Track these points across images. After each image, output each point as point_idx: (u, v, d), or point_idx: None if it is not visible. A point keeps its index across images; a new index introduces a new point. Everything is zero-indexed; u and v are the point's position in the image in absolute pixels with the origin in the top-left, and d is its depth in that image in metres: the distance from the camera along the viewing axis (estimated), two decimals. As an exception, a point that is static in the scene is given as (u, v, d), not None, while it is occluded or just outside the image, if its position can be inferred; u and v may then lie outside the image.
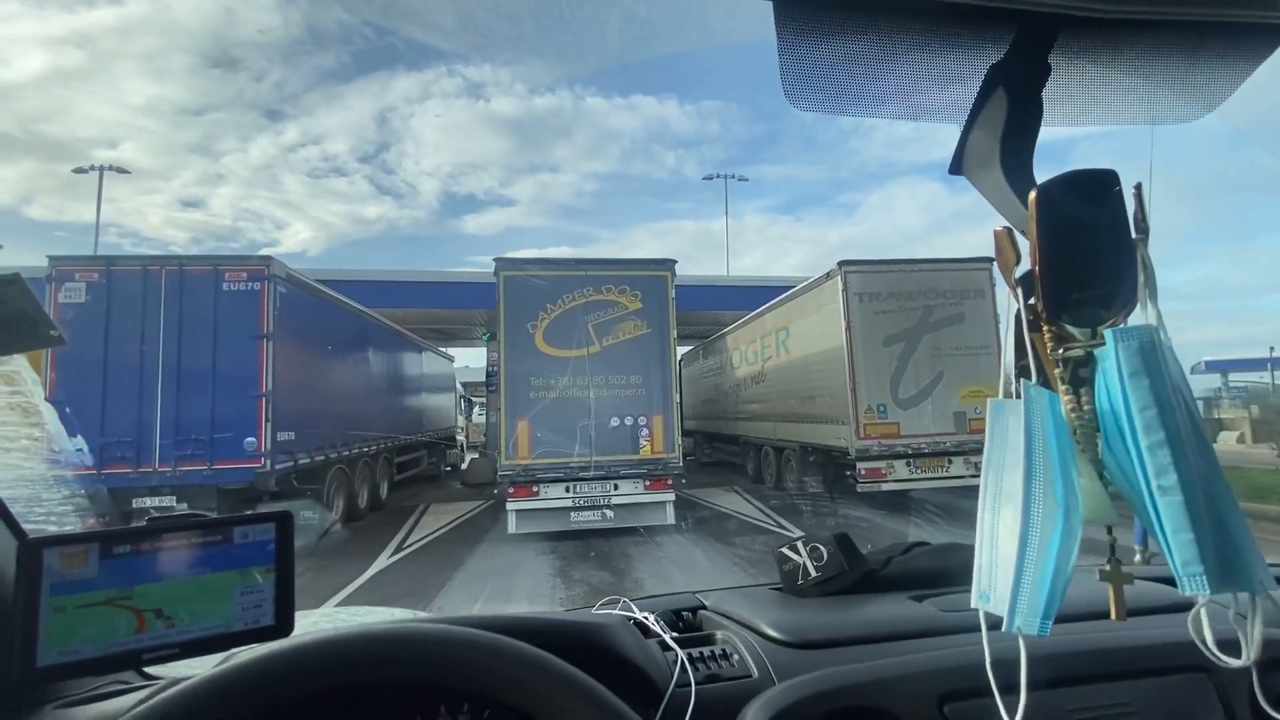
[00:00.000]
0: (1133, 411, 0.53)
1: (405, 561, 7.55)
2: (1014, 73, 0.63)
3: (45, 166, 61.11)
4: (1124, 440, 0.54)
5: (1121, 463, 0.56)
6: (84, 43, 50.43)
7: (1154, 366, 0.54)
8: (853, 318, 9.07)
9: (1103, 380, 0.56)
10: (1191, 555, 0.51)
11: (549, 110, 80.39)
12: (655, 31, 0.81)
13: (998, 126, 0.63)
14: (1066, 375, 0.59)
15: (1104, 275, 0.58)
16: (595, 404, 8.14)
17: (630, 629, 0.89)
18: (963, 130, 0.67)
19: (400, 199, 71.67)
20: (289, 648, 0.60)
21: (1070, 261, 0.58)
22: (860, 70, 0.63)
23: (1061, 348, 0.59)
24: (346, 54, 39.73)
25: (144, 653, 0.69)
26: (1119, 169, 0.58)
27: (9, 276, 0.70)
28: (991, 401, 0.62)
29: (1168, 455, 0.52)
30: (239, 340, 7.34)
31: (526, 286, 8.26)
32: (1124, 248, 0.59)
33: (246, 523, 0.75)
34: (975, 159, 0.66)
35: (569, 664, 0.63)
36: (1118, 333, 0.55)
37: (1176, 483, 0.52)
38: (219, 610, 0.72)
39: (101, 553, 0.68)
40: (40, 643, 0.64)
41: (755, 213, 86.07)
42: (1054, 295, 0.58)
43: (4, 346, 0.76)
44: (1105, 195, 0.58)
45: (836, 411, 9.45)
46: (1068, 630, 0.85)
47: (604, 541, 8.12)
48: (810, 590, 1.11)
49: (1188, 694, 0.84)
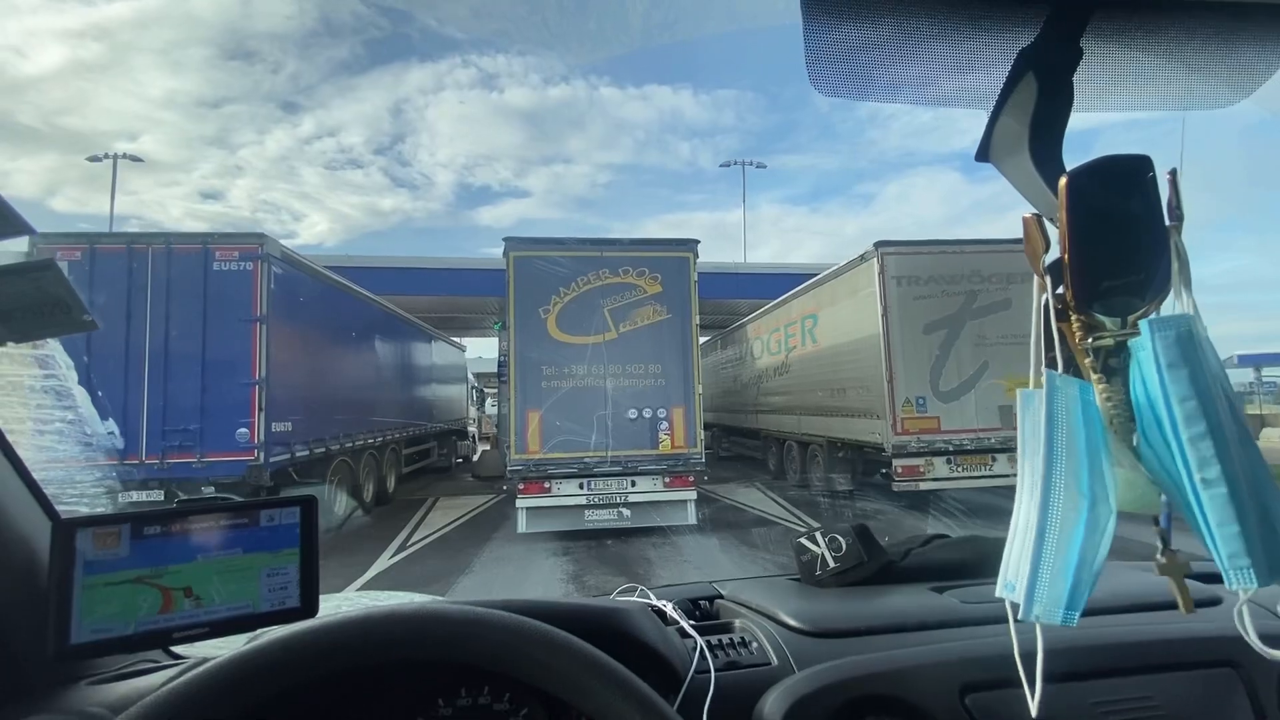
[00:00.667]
0: (1172, 403, 0.52)
1: (407, 563, 7.04)
2: (1045, 56, 0.62)
3: (67, 159, 61.74)
4: (1162, 432, 0.54)
5: (1160, 455, 0.55)
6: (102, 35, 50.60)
7: (1192, 357, 0.53)
8: (890, 303, 8.37)
9: (1138, 371, 0.55)
10: (1238, 548, 0.50)
11: (563, 101, 79.76)
12: (681, 15, 0.80)
13: (1027, 112, 0.63)
14: (1098, 365, 0.59)
15: (1136, 263, 0.58)
16: (611, 395, 7.55)
17: (650, 616, 0.88)
18: (990, 116, 0.66)
19: (415, 190, 71.65)
20: (321, 625, 0.61)
21: (1101, 249, 0.58)
22: (888, 55, 0.63)
23: (1091, 337, 0.59)
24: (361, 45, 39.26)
25: (174, 631, 0.70)
26: None
27: (44, 262, 0.71)
28: (1021, 392, 0.61)
29: (1210, 447, 0.51)
30: (230, 323, 6.83)
31: (538, 268, 7.67)
32: (1157, 235, 0.58)
33: (272, 506, 0.76)
34: (1003, 145, 0.66)
35: (593, 647, 0.63)
36: (1154, 323, 0.54)
37: (1220, 475, 0.51)
38: (246, 591, 0.73)
39: (133, 533, 0.69)
40: (74, 621, 0.66)
41: (770, 204, 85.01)
42: (1084, 284, 0.58)
43: (39, 331, 0.75)
44: (1138, 182, 0.57)
45: (871, 405, 8.78)
46: (1092, 623, 0.85)
47: (621, 543, 7.56)
48: (828, 581, 1.10)
49: (1215, 689, 0.82)
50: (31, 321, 0.73)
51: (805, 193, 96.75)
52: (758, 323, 14.18)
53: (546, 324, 7.60)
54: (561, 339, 7.61)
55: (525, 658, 0.60)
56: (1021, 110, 0.62)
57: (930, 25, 0.61)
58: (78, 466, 5.41)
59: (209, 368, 6.77)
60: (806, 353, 11.20)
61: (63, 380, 4.20)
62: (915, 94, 0.69)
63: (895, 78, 0.66)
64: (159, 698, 0.54)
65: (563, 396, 7.48)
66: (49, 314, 0.73)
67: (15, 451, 0.82)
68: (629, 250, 7.88)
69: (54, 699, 0.75)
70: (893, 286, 8.41)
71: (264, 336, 6.89)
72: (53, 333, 0.77)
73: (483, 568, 6.74)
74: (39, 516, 0.81)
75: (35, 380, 3.38)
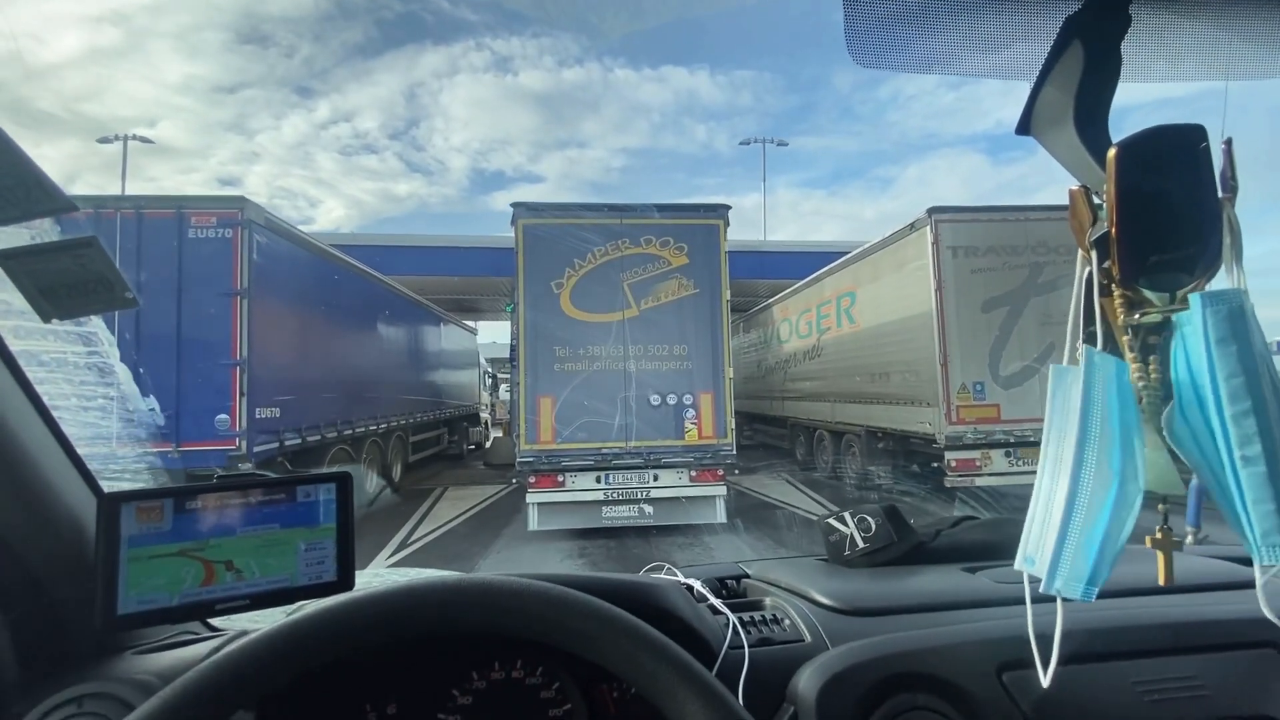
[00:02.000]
0: (1219, 379, 0.52)
1: (407, 563, 6.34)
2: (1092, 25, 0.61)
3: (87, 145, 61.94)
4: (1203, 409, 0.54)
5: (1197, 432, 0.55)
6: (119, 20, 50.33)
7: (1242, 333, 0.52)
8: (945, 277, 7.45)
9: (1182, 347, 0.55)
10: (1272, 525, 0.50)
11: (577, 83, 78.60)
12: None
13: (1073, 82, 0.61)
14: (1136, 343, 0.58)
15: (1187, 237, 0.56)
16: (632, 378, 6.76)
17: (682, 591, 0.89)
18: (1033, 88, 0.64)
19: (430, 176, 71.14)
20: (370, 595, 0.61)
21: (1150, 222, 0.56)
22: (927, 25, 0.63)
23: (1137, 313, 0.58)
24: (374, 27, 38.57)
25: (216, 603, 0.72)
26: None
27: (86, 239, 0.72)
28: (1054, 367, 0.61)
29: (1253, 424, 0.51)
30: (208, 297, 6.12)
31: (550, 238, 6.85)
32: (1208, 208, 0.56)
33: (309, 482, 0.77)
34: (1047, 117, 0.64)
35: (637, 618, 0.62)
36: (1206, 297, 0.53)
37: (1260, 452, 0.51)
38: (284, 564, 0.75)
39: (175, 508, 0.71)
40: (120, 592, 0.68)
41: (788, 187, 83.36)
42: (1132, 258, 0.57)
43: (82, 308, 0.75)
44: (1190, 153, 0.55)
45: (920, 391, 7.89)
46: (1129, 603, 0.88)
47: (643, 542, 6.80)
48: (858, 561, 1.10)
49: (1258, 670, 0.82)
50: (75, 298, 0.74)
51: (824, 175, 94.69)
52: (784, 304, 13.27)
53: (560, 300, 6.81)
54: (576, 316, 6.82)
55: (570, 628, 0.61)
56: (1067, 81, 0.62)
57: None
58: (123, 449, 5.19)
59: (184, 347, 6.07)
60: (843, 334, 10.30)
61: (106, 357, 4.30)
62: (953, 65, 0.68)
63: (933, 49, 0.65)
64: (215, 663, 0.55)
65: (578, 380, 6.71)
66: (92, 291, 0.74)
67: (61, 428, 0.82)
68: (652, 217, 7.02)
69: (103, 668, 0.77)
70: (948, 258, 7.48)
71: (245, 312, 6.17)
72: (95, 310, 0.77)
73: (491, 570, 6.02)
74: (84, 492, 0.83)
75: (79, 357, 3.41)
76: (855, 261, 9.73)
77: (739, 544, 6.80)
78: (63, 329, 2.81)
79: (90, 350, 3.94)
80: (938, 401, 7.44)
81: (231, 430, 6.08)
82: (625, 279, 6.91)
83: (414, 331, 12.23)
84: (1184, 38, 0.66)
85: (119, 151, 23.34)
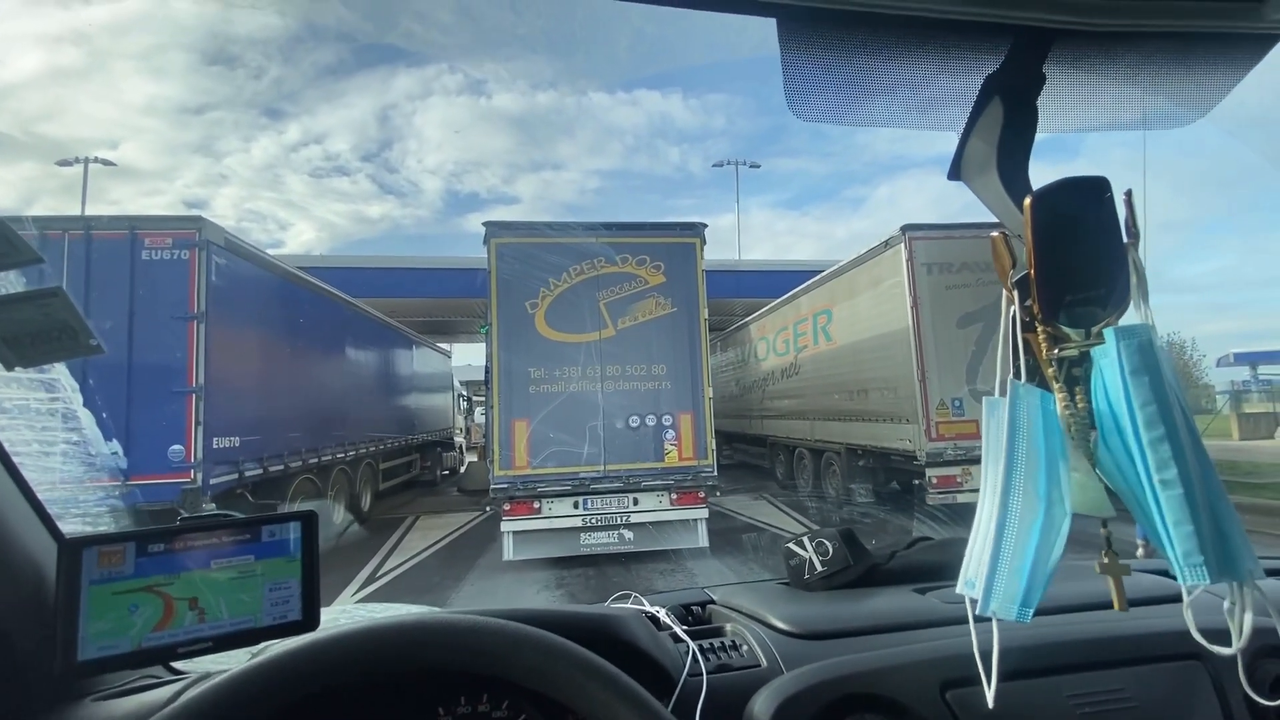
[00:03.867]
0: (1134, 408, 0.55)
1: (375, 598, 6.02)
2: (1009, 83, 0.66)
3: (46, 168, 60.18)
4: (1122, 437, 0.57)
5: (1118, 459, 0.58)
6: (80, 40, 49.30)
7: (1153, 364, 0.56)
8: (920, 293, 7.48)
9: (1100, 378, 0.58)
10: (1192, 546, 0.53)
11: (551, 107, 79.29)
12: (664, 46, 0.83)
13: (994, 134, 0.66)
14: (1061, 375, 0.62)
15: (1098, 278, 0.60)
16: (609, 400, 6.59)
17: (643, 621, 0.90)
18: (960, 138, 0.70)
19: (403, 197, 70.61)
20: (329, 637, 0.62)
21: (1065, 264, 0.60)
22: (862, 83, 0.67)
23: (1058, 348, 0.61)
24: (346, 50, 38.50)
25: (178, 646, 0.71)
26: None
27: (52, 289, 0.73)
28: (986, 400, 0.65)
29: (1168, 450, 0.54)
30: (162, 322, 5.80)
31: (524, 257, 6.70)
32: (1116, 252, 0.61)
33: (273, 521, 0.77)
34: (973, 166, 0.69)
35: (589, 651, 0.64)
36: (1118, 331, 0.57)
37: (1177, 476, 0.53)
38: (249, 605, 0.74)
39: (137, 551, 0.70)
40: (80, 638, 0.67)
41: (761, 208, 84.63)
42: (1050, 297, 0.60)
43: (46, 356, 0.77)
44: (1097, 201, 0.60)
45: (899, 408, 7.87)
46: (1067, 620, 0.93)
47: (623, 570, 6.58)
48: (816, 584, 1.13)
49: (1183, 681, 0.86)
50: (39, 347, 0.75)
51: (796, 196, 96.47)
52: (761, 322, 13.27)
53: (534, 320, 6.65)
54: (551, 337, 6.65)
55: (523, 663, 0.62)
56: (989, 132, 0.67)
57: (902, 56, 0.64)
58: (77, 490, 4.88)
59: (136, 375, 5.73)
60: (820, 352, 10.29)
61: (68, 403, 4.33)
62: (887, 117, 0.72)
63: (869, 104, 0.69)
64: (175, 711, 0.56)
65: (553, 403, 6.51)
66: (56, 339, 0.75)
67: (21, 473, 0.83)
68: (628, 235, 6.93)
69: (62, 715, 0.77)
70: (923, 274, 7.52)
71: (202, 337, 5.86)
72: (60, 358, 0.78)
73: (464, 605, 5.74)
74: (44, 537, 0.82)
75: (41, 403, 3.42)
76: (831, 279, 9.76)
77: (720, 568, 6.62)
78: (25, 376, 2.86)
79: (53, 397, 3.92)
80: (917, 418, 7.42)
81: (186, 462, 5.73)
82: (601, 298, 6.78)
83: (384, 355, 11.90)
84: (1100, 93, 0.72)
85: (79, 174, 22.65)
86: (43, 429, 3.55)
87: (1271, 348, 27.53)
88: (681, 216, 60.75)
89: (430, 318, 18.31)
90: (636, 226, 7.06)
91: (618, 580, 6.29)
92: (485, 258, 6.72)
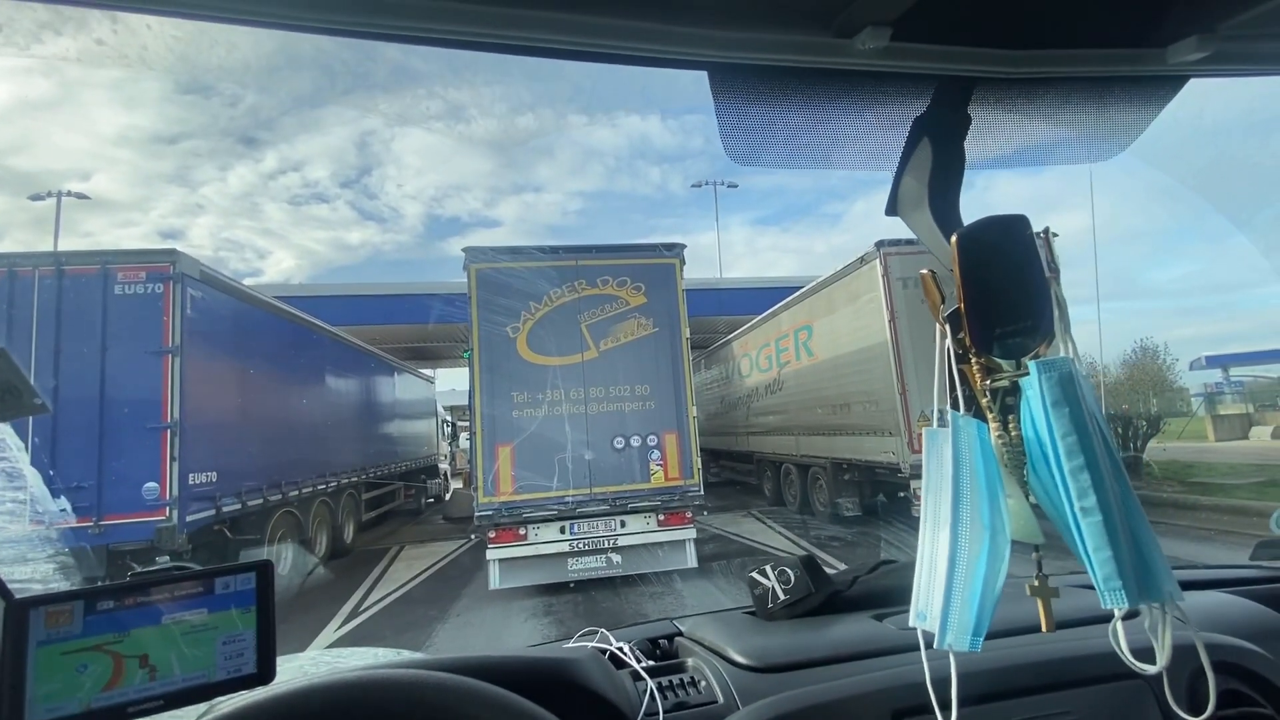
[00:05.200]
0: (1056, 438, 0.57)
1: (356, 635, 5.88)
2: (935, 126, 0.68)
3: (15, 201, 59.14)
4: (1048, 465, 0.59)
5: (1046, 486, 0.60)
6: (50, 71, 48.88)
7: (1072, 395, 0.58)
8: (898, 307, 7.59)
9: (1027, 409, 0.60)
10: (1111, 571, 0.55)
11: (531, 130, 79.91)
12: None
13: (925, 173, 0.69)
14: (995, 405, 0.64)
15: (1024, 311, 0.62)
16: (594, 422, 6.58)
17: (600, 661, 0.91)
18: (895, 176, 0.72)
19: (384, 223, 70.42)
20: (267, 699, 0.65)
21: (991, 299, 0.62)
22: (792, 129, 0.70)
23: (990, 379, 0.64)
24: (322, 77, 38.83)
25: (129, 706, 0.70)
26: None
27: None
28: (925, 431, 0.66)
29: (1088, 478, 0.56)
30: (135, 357, 5.70)
31: (504, 281, 6.71)
32: (1040, 286, 0.62)
33: (228, 573, 0.77)
34: (908, 202, 0.72)
35: (535, 701, 0.67)
36: (1040, 365, 0.59)
37: (1096, 504, 0.55)
38: (202, 660, 0.74)
39: (86, 610, 0.70)
40: (27, 701, 0.66)
41: (742, 225, 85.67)
42: (979, 330, 0.62)
43: None
44: (1019, 237, 0.62)
45: (881, 421, 7.93)
46: (1011, 644, 0.94)
47: (612, 595, 6.51)
48: (779, 613, 1.14)
49: (1127, 700, 0.88)
50: None
51: (776, 213, 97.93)
52: (744, 339, 13.36)
53: (516, 344, 6.64)
54: (534, 361, 6.64)
55: (465, 716, 0.64)
56: (920, 171, 0.69)
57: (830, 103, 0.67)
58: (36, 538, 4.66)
59: (109, 411, 5.61)
60: (802, 367, 10.37)
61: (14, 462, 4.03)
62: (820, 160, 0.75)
63: (800, 149, 0.72)
64: None
65: (537, 427, 6.48)
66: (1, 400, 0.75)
67: None
68: (608, 258, 6.98)
69: None
70: (899, 289, 7.64)
71: (177, 371, 5.76)
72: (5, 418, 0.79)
73: (449, 638, 5.62)
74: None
75: None
76: (810, 296, 9.88)
77: (709, 588, 6.58)
78: None
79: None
80: (899, 431, 7.48)
81: (161, 499, 5.59)
82: (583, 320, 6.80)
83: (365, 383, 11.78)
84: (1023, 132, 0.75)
85: (51, 207, 22.30)
86: (-12, 489, 3.64)
87: (1241, 349, 28.22)
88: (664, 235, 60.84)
89: (413, 344, 18.18)
90: (616, 249, 7.11)
91: (606, 605, 6.22)
92: (466, 283, 6.72)
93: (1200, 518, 8.69)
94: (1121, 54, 0.66)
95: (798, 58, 0.60)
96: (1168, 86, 0.70)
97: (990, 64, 0.63)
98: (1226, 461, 13.89)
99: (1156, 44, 0.65)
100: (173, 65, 0.69)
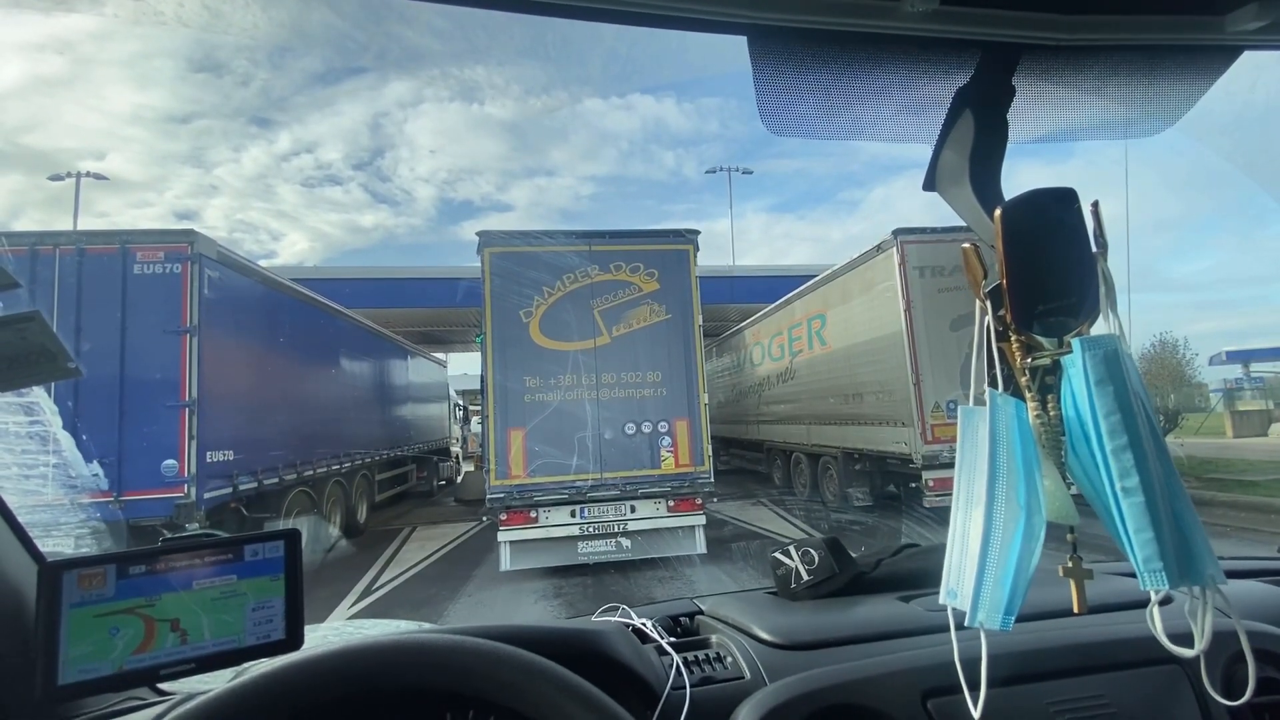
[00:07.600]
0: (1098, 417, 0.56)
1: (370, 612, 5.97)
2: (979, 96, 0.67)
3: (31, 180, 59.93)
4: (1089, 445, 0.58)
5: (1085, 466, 0.59)
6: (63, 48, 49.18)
7: (1117, 374, 0.56)
8: (913, 297, 7.51)
9: (1069, 387, 0.59)
10: (1152, 553, 0.54)
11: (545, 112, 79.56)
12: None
13: (966, 146, 0.67)
14: (1034, 384, 0.62)
15: (1068, 287, 0.61)
16: (605, 408, 6.59)
17: (627, 635, 0.91)
18: (934, 150, 0.71)
19: (396, 206, 70.65)
20: (305, 659, 0.63)
21: (1035, 275, 0.61)
22: (833, 97, 0.67)
23: (1030, 357, 0.62)
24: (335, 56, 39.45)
25: (161, 669, 0.71)
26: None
27: (30, 314, 0.74)
28: (961, 409, 0.65)
29: (1131, 459, 0.55)
30: (154, 336, 5.77)
31: (518, 266, 6.71)
32: (1087, 261, 0.61)
33: (256, 540, 0.77)
34: (947, 177, 0.70)
35: (566, 670, 0.65)
36: (1085, 342, 0.58)
37: (1139, 484, 0.54)
38: (232, 626, 0.74)
39: (118, 573, 0.70)
40: (61, 662, 0.67)
41: (757, 212, 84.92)
42: (1021, 307, 0.61)
43: (25, 379, 0.78)
44: (1066, 212, 0.60)
45: (894, 411, 7.88)
46: (1042, 627, 0.93)
47: (621, 578, 6.56)
48: (803, 594, 1.13)
49: (1162, 685, 0.86)
50: (17, 371, 0.75)
51: (791, 200, 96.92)
52: (755, 327, 13.30)
53: (529, 329, 6.64)
54: (546, 346, 6.65)
55: (501, 682, 0.63)
56: (961, 145, 0.67)
57: (871, 70, 0.65)
58: (62, 508, 5.00)
59: (129, 389, 5.71)
60: (815, 356, 10.31)
61: (48, 426, 4.37)
62: (859, 131, 0.73)
63: (841, 117, 0.70)
64: None
65: (549, 411, 6.51)
66: (34, 363, 0.76)
67: (1, 497, 0.82)
68: (621, 243, 6.95)
69: None
70: (915, 278, 7.55)
71: (195, 351, 5.84)
72: (38, 381, 0.78)
73: (460, 618, 5.70)
74: (25, 560, 0.82)
75: (21, 427, 3.45)
76: (824, 284, 9.79)
77: (718, 574, 6.60)
78: (4, 400, 2.89)
79: (32, 420, 3.96)
80: (912, 421, 7.43)
81: (180, 476, 5.69)
82: (596, 306, 6.78)
83: (379, 366, 11.88)
84: (1068, 104, 0.72)
85: (67, 186, 22.57)
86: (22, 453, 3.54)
87: (1262, 345, 27.72)
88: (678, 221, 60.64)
89: (426, 328, 18.27)
90: (629, 234, 7.08)
91: (615, 589, 6.27)
92: (479, 266, 6.73)
93: (1218, 514, 8.57)
94: (1177, 21, 0.63)
95: (843, 20, 0.58)
96: (1221, 58, 0.67)
97: (1040, 30, 0.61)
98: (1245, 458, 13.67)
99: (1216, 11, 0.63)
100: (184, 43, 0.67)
